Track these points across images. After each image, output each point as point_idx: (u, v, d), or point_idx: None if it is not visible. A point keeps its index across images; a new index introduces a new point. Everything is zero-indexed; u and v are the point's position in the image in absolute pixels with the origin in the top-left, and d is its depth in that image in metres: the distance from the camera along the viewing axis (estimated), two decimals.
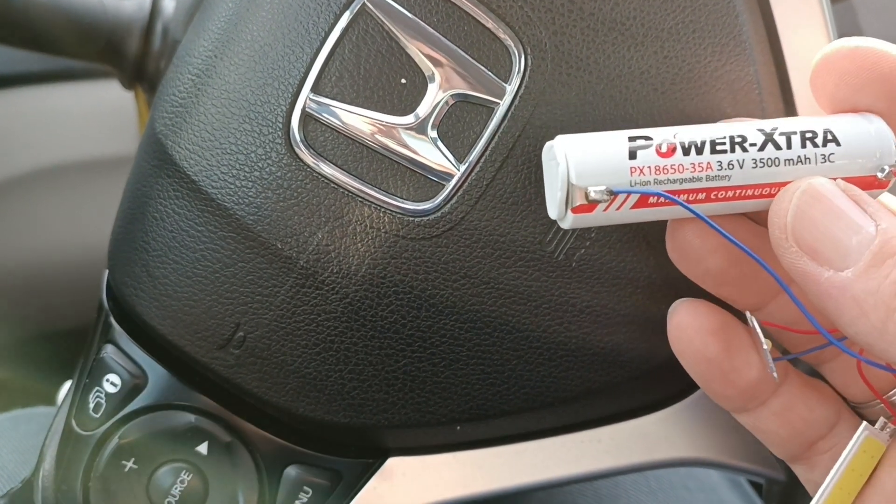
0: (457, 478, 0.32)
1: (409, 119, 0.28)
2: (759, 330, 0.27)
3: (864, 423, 0.26)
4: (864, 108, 0.25)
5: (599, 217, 0.24)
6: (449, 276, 0.29)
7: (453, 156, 0.28)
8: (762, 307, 0.28)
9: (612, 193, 0.24)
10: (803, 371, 0.29)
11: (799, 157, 0.24)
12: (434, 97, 0.28)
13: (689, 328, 0.27)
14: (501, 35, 0.28)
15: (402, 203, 0.28)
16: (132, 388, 0.30)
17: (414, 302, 0.29)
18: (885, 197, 0.27)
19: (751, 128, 0.25)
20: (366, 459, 0.31)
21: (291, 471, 0.31)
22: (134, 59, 0.43)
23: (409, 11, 0.28)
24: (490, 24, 0.28)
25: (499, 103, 0.28)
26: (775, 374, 0.27)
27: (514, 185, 0.28)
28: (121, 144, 0.70)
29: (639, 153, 0.24)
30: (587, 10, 0.28)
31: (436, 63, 0.28)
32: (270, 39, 0.28)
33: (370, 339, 0.29)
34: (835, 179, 0.24)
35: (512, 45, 0.28)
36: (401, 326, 0.29)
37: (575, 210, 0.24)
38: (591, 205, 0.24)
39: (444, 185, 0.28)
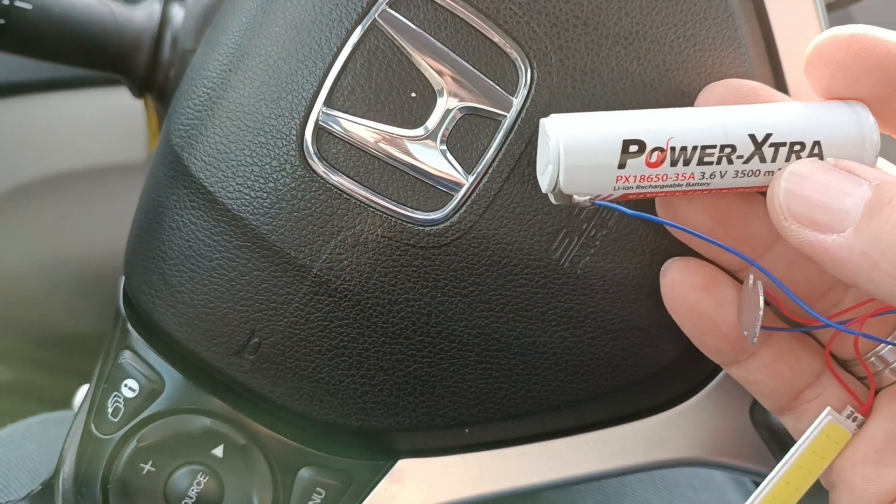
0: (465, 479, 0.32)
1: (418, 131, 0.29)
2: (762, 296, 0.27)
3: (828, 408, 0.27)
4: (860, 97, 0.26)
5: (583, 202, 0.26)
6: (458, 284, 0.29)
7: (462, 167, 0.29)
8: (748, 267, 0.28)
9: (594, 203, 0.25)
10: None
11: (780, 168, 0.25)
12: (443, 110, 0.29)
13: (681, 284, 0.28)
14: (508, 49, 0.29)
15: (413, 213, 0.29)
16: (150, 393, 0.31)
17: (424, 309, 0.29)
18: (883, 163, 0.28)
19: (743, 134, 0.25)
20: (377, 461, 0.32)
21: (305, 472, 0.31)
22: (143, 69, 0.44)
23: (419, 27, 0.29)
24: (497, 38, 0.29)
25: (506, 116, 0.29)
26: (754, 341, 0.27)
27: (521, 194, 0.29)
28: (130, 151, 0.70)
29: (629, 163, 0.25)
30: (591, 25, 0.29)
31: (444, 77, 0.29)
32: (284, 54, 0.29)
33: (381, 345, 0.30)
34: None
35: (518, 59, 0.29)
36: (411, 332, 0.30)
37: (557, 201, 0.26)
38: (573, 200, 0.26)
39: (452, 196, 0.29)
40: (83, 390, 0.33)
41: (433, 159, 0.29)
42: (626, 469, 0.33)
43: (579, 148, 0.25)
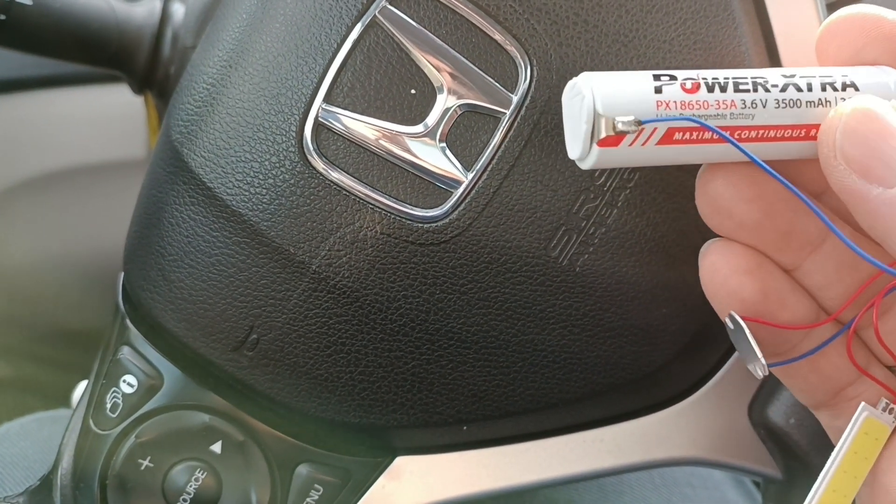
0: (463, 476, 0.32)
1: (418, 128, 0.29)
2: (748, 332, 0.26)
3: (863, 403, 0.26)
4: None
5: (624, 154, 0.24)
6: (456, 281, 0.29)
7: (461, 164, 0.29)
8: (798, 265, 0.27)
9: (640, 124, 0.23)
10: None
11: (820, 99, 0.24)
12: (442, 107, 0.29)
13: (723, 268, 0.26)
14: (508, 47, 0.29)
15: (412, 210, 0.29)
16: (148, 389, 0.31)
17: (422, 306, 0.29)
18: None
19: (771, 71, 0.25)
20: (375, 458, 0.32)
21: (302, 469, 0.32)
22: (144, 66, 0.44)
23: (419, 24, 0.29)
24: (497, 36, 0.29)
25: (505, 113, 0.29)
26: (759, 373, 0.26)
27: (521, 192, 0.29)
28: (130, 148, 0.70)
29: (664, 88, 0.24)
30: (591, 23, 0.29)
31: (444, 74, 0.29)
32: (284, 50, 0.29)
33: (380, 342, 0.30)
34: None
35: (518, 56, 0.29)
36: (409, 329, 0.30)
37: (601, 143, 0.23)
38: (618, 137, 0.23)
39: (452, 193, 0.29)
40: (82, 386, 0.33)
41: (432, 156, 0.29)
42: (623, 468, 0.33)
43: (612, 79, 0.24)
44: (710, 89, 0.24)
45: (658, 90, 0.24)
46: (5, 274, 0.70)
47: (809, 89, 0.24)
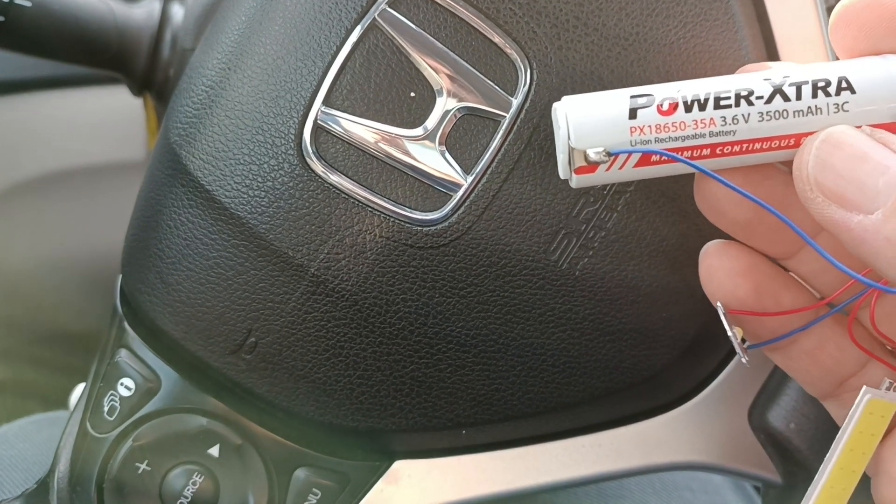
0: (461, 481, 0.32)
1: (417, 131, 0.29)
2: (725, 321, 0.26)
3: (865, 387, 0.26)
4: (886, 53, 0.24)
5: (603, 176, 0.24)
6: (456, 285, 0.29)
7: (460, 167, 0.29)
8: (793, 255, 0.27)
9: (611, 154, 0.24)
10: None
11: (810, 107, 0.24)
12: (442, 110, 0.29)
13: (719, 270, 0.27)
14: (508, 50, 0.29)
15: (411, 213, 0.29)
16: (146, 392, 0.31)
17: (421, 309, 0.29)
18: None
19: (758, 79, 0.24)
20: (373, 462, 0.32)
21: (301, 473, 0.31)
22: (143, 68, 0.44)
23: (419, 27, 0.29)
24: (497, 39, 0.29)
25: (505, 116, 0.29)
26: (745, 360, 0.27)
27: (520, 195, 0.29)
28: (129, 150, 0.70)
29: (639, 112, 0.24)
30: (591, 26, 0.29)
31: (444, 77, 0.29)
32: (283, 53, 0.29)
33: (378, 346, 0.30)
34: (859, 127, 0.23)
35: (518, 59, 0.29)
36: (408, 333, 0.30)
37: (577, 171, 0.24)
38: (592, 166, 0.24)
39: (451, 196, 0.29)
40: (79, 389, 0.33)
41: (432, 159, 0.29)
42: (622, 472, 0.33)
43: (587, 103, 0.24)
44: (689, 108, 0.24)
45: (633, 114, 0.24)
46: (4, 276, 0.70)
47: (798, 97, 0.24)
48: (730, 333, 0.26)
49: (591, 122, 0.24)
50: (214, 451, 0.31)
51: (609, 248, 0.29)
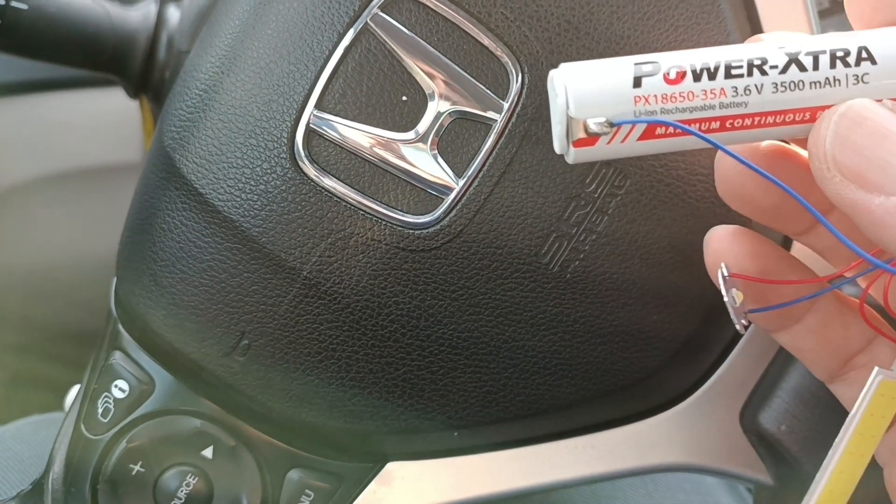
0: (454, 482, 0.32)
1: (409, 135, 0.29)
2: (723, 284, 0.26)
3: (877, 368, 0.25)
4: None
5: (604, 150, 0.22)
6: (447, 287, 0.29)
7: (452, 170, 0.29)
8: (808, 231, 0.27)
9: (614, 125, 0.22)
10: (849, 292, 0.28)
11: (827, 78, 0.22)
12: (434, 113, 0.29)
13: (726, 253, 0.26)
14: (499, 54, 0.29)
15: (403, 216, 0.29)
16: (140, 394, 0.31)
17: (413, 312, 0.29)
18: None
19: (773, 48, 0.22)
20: (366, 464, 0.32)
21: (294, 474, 0.32)
22: (139, 70, 0.44)
23: (411, 31, 0.29)
24: (488, 42, 0.29)
25: (496, 120, 0.29)
26: (738, 326, 0.26)
27: (511, 198, 0.29)
28: (125, 152, 0.71)
29: (644, 81, 0.22)
30: (583, 30, 0.29)
31: (435, 80, 0.29)
32: (276, 57, 0.29)
33: (371, 348, 0.30)
34: (879, 101, 0.22)
35: (509, 63, 0.29)
36: (400, 335, 0.30)
37: (576, 144, 0.22)
38: (592, 138, 0.22)
39: (443, 199, 0.29)
40: (74, 390, 0.33)
41: (424, 163, 0.29)
42: (614, 473, 0.33)
43: (587, 70, 0.22)
44: (697, 78, 0.22)
45: (637, 83, 0.22)
46: (11, 276, 0.71)
47: (815, 67, 0.22)
48: (726, 298, 0.25)
49: (591, 91, 0.22)
50: (208, 452, 0.31)
51: (600, 251, 0.30)
